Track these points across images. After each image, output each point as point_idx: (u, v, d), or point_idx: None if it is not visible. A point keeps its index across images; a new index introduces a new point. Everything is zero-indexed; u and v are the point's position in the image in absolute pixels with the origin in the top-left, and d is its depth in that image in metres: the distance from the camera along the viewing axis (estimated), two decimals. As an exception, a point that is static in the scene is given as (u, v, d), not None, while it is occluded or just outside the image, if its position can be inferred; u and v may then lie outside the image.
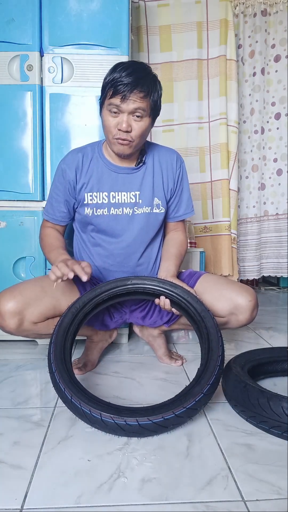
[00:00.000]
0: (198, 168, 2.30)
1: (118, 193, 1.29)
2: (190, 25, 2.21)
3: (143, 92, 1.13)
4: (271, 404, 0.97)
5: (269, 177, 2.53)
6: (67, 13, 1.53)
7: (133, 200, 1.30)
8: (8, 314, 1.14)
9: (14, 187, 1.57)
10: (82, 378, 1.33)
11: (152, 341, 1.50)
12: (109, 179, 1.28)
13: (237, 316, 1.25)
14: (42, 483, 0.82)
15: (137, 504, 0.76)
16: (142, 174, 1.30)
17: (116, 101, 1.13)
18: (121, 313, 1.42)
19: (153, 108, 1.19)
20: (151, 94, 1.15)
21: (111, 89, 1.13)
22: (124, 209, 1.29)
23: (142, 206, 1.31)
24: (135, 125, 1.17)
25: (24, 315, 1.16)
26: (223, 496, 0.78)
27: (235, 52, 2.22)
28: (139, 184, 1.30)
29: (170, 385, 1.28)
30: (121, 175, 1.29)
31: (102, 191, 1.28)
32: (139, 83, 1.12)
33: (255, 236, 2.55)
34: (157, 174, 1.32)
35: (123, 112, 1.15)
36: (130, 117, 1.16)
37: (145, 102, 1.15)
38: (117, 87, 1.12)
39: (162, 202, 1.33)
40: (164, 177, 1.33)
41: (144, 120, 1.18)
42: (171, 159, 1.35)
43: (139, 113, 1.15)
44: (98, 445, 0.95)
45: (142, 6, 2.22)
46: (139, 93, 1.12)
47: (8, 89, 1.54)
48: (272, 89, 2.45)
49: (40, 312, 1.18)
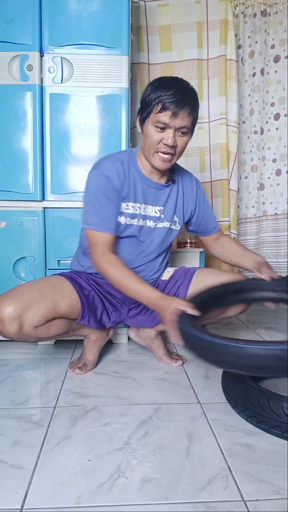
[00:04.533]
0: (198, 168, 2.30)
1: (147, 206, 1.32)
2: (190, 25, 2.21)
3: (190, 109, 1.16)
4: (271, 404, 0.97)
5: (268, 177, 2.53)
6: (67, 13, 1.53)
7: (157, 214, 1.33)
8: (8, 319, 1.13)
9: (14, 187, 1.57)
10: (82, 378, 1.33)
11: (150, 343, 1.50)
12: (142, 191, 1.30)
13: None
14: (42, 483, 0.82)
15: (137, 504, 0.77)
16: (169, 191, 1.35)
17: (165, 117, 1.14)
18: (119, 312, 1.42)
19: (194, 123, 1.21)
20: (195, 110, 1.19)
21: (159, 105, 1.14)
22: (148, 221, 1.33)
23: (163, 221, 1.35)
24: (179, 141, 1.19)
25: (24, 319, 1.15)
26: (223, 496, 0.78)
27: (235, 52, 2.22)
28: (164, 201, 1.34)
29: (170, 385, 1.29)
30: (151, 189, 1.31)
31: (137, 202, 1.30)
32: (187, 101, 1.15)
33: (254, 236, 2.56)
34: (180, 194, 1.38)
35: (170, 128, 1.16)
36: (176, 133, 1.17)
37: (190, 119, 1.17)
38: (166, 104, 1.13)
39: (179, 220, 1.39)
40: (185, 198, 1.39)
41: (187, 136, 1.20)
42: (190, 181, 1.41)
43: (184, 130, 1.18)
44: (98, 445, 0.95)
45: (142, 6, 2.21)
46: (187, 110, 1.15)
47: (8, 89, 1.54)
48: (272, 90, 2.45)
49: (40, 315, 1.17)
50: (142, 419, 1.07)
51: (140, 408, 1.13)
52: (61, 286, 1.27)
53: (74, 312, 1.28)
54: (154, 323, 1.43)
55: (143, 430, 1.01)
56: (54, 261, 1.61)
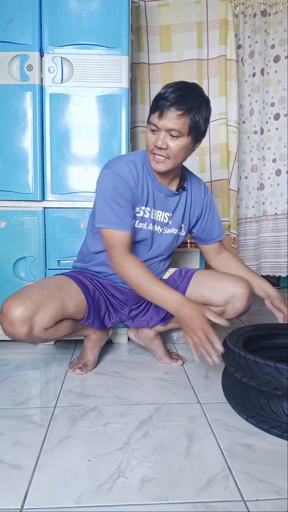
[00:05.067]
0: (198, 168, 2.30)
1: (156, 211, 1.30)
2: (190, 25, 2.21)
3: (181, 110, 1.10)
4: (271, 404, 0.97)
5: (268, 177, 2.53)
6: (67, 13, 1.53)
7: (166, 220, 1.33)
8: (18, 321, 1.12)
9: (14, 187, 1.57)
10: (82, 378, 1.33)
11: (149, 344, 1.50)
12: (153, 195, 1.29)
13: (234, 304, 1.31)
14: (42, 483, 0.82)
15: (137, 504, 0.77)
16: (178, 198, 1.34)
17: (155, 118, 1.13)
18: (120, 313, 1.42)
19: (192, 127, 1.14)
20: (191, 113, 1.12)
21: (154, 105, 1.14)
22: (156, 226, 1.32)
23: (171, 227, 1.34)
24: (171, 144, 1.15)
25: (34, 321, 1.15)
26: (223, 496, 0.78)
27: (235, 52, 2.22)
28: (174, 207, 1.33)
29: (170, 385, 1.29)
30: (162, 195, 1.30)
31: (148, 206, 1.28)
32: (178, 101, 1.10)
33: (254, 236, 2.56)
34: (188, 200, 1.36)
35: (160, 130, 1.14)
36: (167, 135, 1.14)
37: (182, 122, 1.11)
38: (158, 102, 1.12)
39: (185, 226, 1.39)
40: (193, 204, 1.37)
41: (181, 140, 1.15)
42: (199, 187, 1.39)
43: (174, 133, 1.13)
44: (98, 445, 0.95)
45: (142, 6, 2.21)
46: (176, 111, 1.10)
47: (8, 89, 1.54)
48: (272, 90, 2.45)
49: (50, 316, 1.17)
50: (142, 419, 1.07)
51: (140, 408, 1.13)
52: (68, 286, 1.27)
53: (80, 313, 1.28)
54: (151, 324, 1.43)
55: (143, 430, 1.01)
56: (54, 261, 1.61)
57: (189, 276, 1.39)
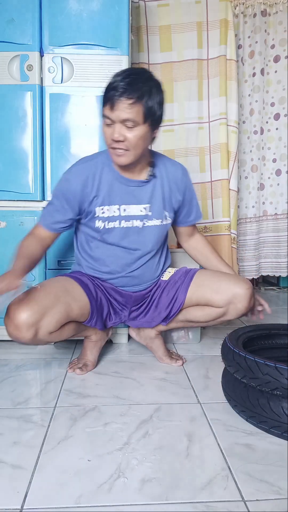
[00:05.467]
0: (198, 168, 2.30)
1: (129, 206, 1.28)
2: (190, 25, 2.20)
3: (132, 98, 1.08)
4: (271, 404, 0.97)
5: (268, 177, 2.53)
6: (67, 13, 1.53)
7: (143, 212, 1.29)
8: (25, 326, 1.12)
9: (14, 187, 1.57)
10: (82, 378, 1.33)
11: (150, 343, 1.50)
12: (120, 192, 1.26)
13: (236, 305, 1.30)
14: (42, 483, 0.82)
15: (137, 504, 0.77)
16: (152, 187, 1.29)
17: (107, 110, 1.11)
18: (120, 315, 1.42)
19: (147, 114, 1.12)
20: (143, 99, 1.10)
21: (104, 97, 1.12)
22: (134, 222, 1.29)
23: (152, 219, 1.31)
24: (128, 134, 1.12)
25: (40, 326, 1.14)
26: (223, 496, 0.78)
27: (235, 52, 2.22)
28: (149, 197, 1.29)
29: (170, 385, 1.29)
30: (131, 188, 1.27)
31: (114, 204, 1.26)
32: (128, 89, 1.08)
33: (254, 236, 2.56)
34: (166, 186, 1.32)
35: (114, 122, 1.12)
36: (122, 126, 1.12)
37: (135, 110, 1.09)
38: (108, 93, 1.10)
39: (170, 214, 1.35)
40: (172, 190, 1.33)
41: (137, 129, 1.12)
42: (176, 171, 1.34)
43: (130, 123, 1.11)
44: (98, 445, 0.95)
45: (142, 6, 2.21)
46: (127, 99, 1.08)
47: (8, 89, 1.54)
48: (272, 90, 2.45)
49: (56, 321, 1.18)
50: (142, 419, 1.07)
51: (140, 408, 1.13)
52: (72, 289, 1.27)
53: (84, 315, 1.29)
54: (153, 324, 1.43)
55: (143, 430, 1.01)
56: (54, 261, 1.61)
57: (191, 276, 1.38)
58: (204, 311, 1.36)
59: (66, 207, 1.26)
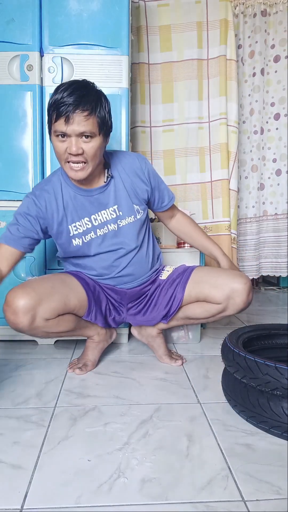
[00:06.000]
0: (198, 168, 2.30)
1: (98, 214, 1.28)
2: (190, 25, 2.21)
3: (86, 110, 1.09)
4: (271, 404, 0.97)
5: (268, 177, 2.53)
6: (67, 13, 1.53)
7: (114, 215, 1.30)
8: (22, 310, 1.15)
9: (14, 187, 1.57)
10: (82, 378, 1.33)
11: (151, 341, 1.50)
12: (85, 204, 1.27)
13: (234, 300, 1.30)
14: (42, 483, 0.82)
15: (137, 504, 0.77)
16: (113, 187, 1.29)
17: (61, 125, 1.10)
18: (119, 312, 1.43)
19: (101, 124, 1.14)
20: (96, 111, 1.11)
21: (54, 113, 1.10)
22: (109, 226, 1.30)
23: (125, 217, 1.31)
24: (86, 147, 1.13)
25: (37, 311, 1.17)
26: (223, 496, 0.78)
27: (235, 52, 2.22)
28: (114, 198, 1.29)
29: (170, 385, 1.29)
30: (94, 197, 1.27)
31: (83, 217, 1.27)
32: (81, 102, 1.08)
33: (254, 236, 2.56)
34: (126, 181, 1.30)
35: (70, 136, 1.11)
36: (79, 139, 1.12)
37: (90, 122, 1.11)
38: (59, 109, 1.09)
39: (141, 206, 1.34)
40: (134, 182, 1.31)
41: (94, 140, 1.13)
42: (133, 162, 1.32)
43: (88, 134, 1.12)
44: (98, 445, 0.95)
45: (142, 6, 2.21)
46: (81, 112, 1.09)
47: (8, 89, 1.54)
48: (272, 90, 2.45)
49: (52, 308, 1.20)
50: (142, 419, 1.07)
51: (140, 408, 1.13)
52: (70, 281, 1.30)
53: (82, 308, 1.30)
54: (154, 322, 1.43)
55: (143, 430, 1.01)
56: (54, 261, 1.61)
57: (188, 273, 1.39)
58: (204, 308, 1.36)
59: (32, 222, 1.24)
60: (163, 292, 1.40)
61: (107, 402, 1.17)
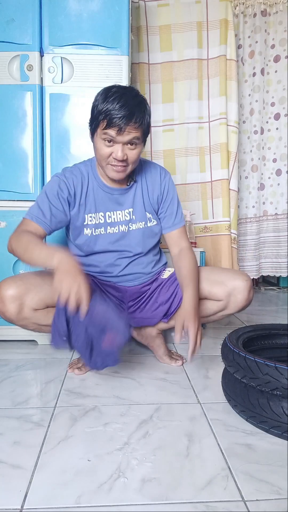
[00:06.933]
0: (198, 168, 2.30)
1: (113, 212, 1.32)
2: (190, 25, 2.21)
3: (137, 123, 1.15)
4: (271, 404, 0.97)
5: (269, 177, 2.53)
6: (67, 13, 1.53)
7: (127, 217, 1.34)
8: (9, 298, 1.18)
9: (14, 187, 1.57)
10: (82, 378, 1.33)
11: (151, 342, 1.50)
12: (104, 200, 1.31)
13: (236, 297, 1.33)
14: (42, 483, 0.82)
15: (137, 504, 0.76)
16: (133, 191, 1.34)
17: (112, 132, 1.15)
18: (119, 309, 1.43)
19: (146, 132, 1.21)
20: (144, 121, 1.18)
21: (105, 120, 1.14)
22: (120, 227, 1.33)
23: (136, 222, 1.35)
24: (130, 153, 1.19)
25: (24, 300, 1.20)
26: (223, 496, 0.78)
27: (235, 52, 2.22)
28: (131, 202, 1.34)
29: (170, 385, 1.29)
30: (115, 196, 1.32)
31: (99, 211, 1.31)
32: (133, 115, 1.13)
33: (254, 236, 2.56)
34: (145, 189, 1.36)
35: (118, 143, 1.17)
36: (125, 147, 1.18)
37: (139, 131, 1.17)
38: (112, 119, 1.13)
39: (153, 215, 1.38)
40: (150, 191, 1.36)
41: (138, 148, 1.20)
42: (155, 173, 1.38)
43: (134, 142, 1.18)
44: (98, 445, 0.95)
45: (142, 6, 2.22)
46: (133, 124, 1.14)
47: (8, 89, 1.54)
48: (272, 90, 2.45)
49: (40, 298, 1.21)
50: (142, 419, 1.07)
51: (140, 408, 1.13)
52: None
53: None
54: (155, 321, 1.43)
55: (143, 430, 1.01)
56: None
57: None
58: (205, 305, 1.37)
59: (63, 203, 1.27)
60: (164, 290, 1.41)
61: (107, 402, 1.17)
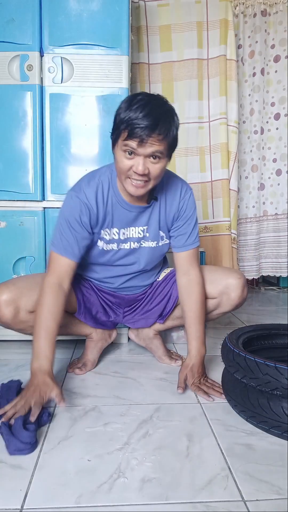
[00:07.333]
0: (198, 168, 2.30)
1: (127, 229, 1.26)
2: (190, 25, 2.21)
3: (161, 135, 1.04)
4: (271, 404, 0.97)
5: (269, 177, 2.53)
6: (67, 13, 1.53)
7: (140, 235, 1.28)
8: (3, 303, 1.19)
9: (14, 187, 1.57)
10: (82, 378, 1.33)
11: (149, 343, 1.50)
12: (122, 216, 1.24)
13: (229, 295, 1.32)
14: (42, 483, 0.82)
15: (137, 504, 0.76)
16: (151, 209, 1.27)
17: (133, 144, 1.04)
18: (116, 313, 1.43)
19: (172, 146, 1.10)
20: (169, 133, 1.07)
21: (126, 131, 1.03)
22: (132, 244, 1.28)
23: (149, 240, 1.29)
24: (152, 168, 1.08)
25: (19, 304, 1.20)
26: (223, 496, 0.78)
27: (235, 52, 2.22)
28: (147, 219, 1.27)
29: (170, 385, 1.28)
30: (133, 213, 1.25)
31: (114, 227, 1.25)
32: (157, 127, 1.02)
33: (254, 236, 2.56)
34: (162, 208, 1.28)
35: (139, 155, 1.06)
36: (147, 160, 1.07)
37: (163, 144, 1.06)
38: (133, 130, 1.02)
39: (166, 234, 1.31)
40: (168, 209, 1.28)
41: (161, 162, 1.09)
42: (176, 190, 1.28)
43: (156, 155, 1.07)
44: (98, 445, 0.95)
45: (142, 6, 2.22)
46: (157, 136, 1.03)
47: (8, 89, 1.54)
48: (272, 90, 2.45)
49: (34, 300, 1.20)
50: (142, 419, 1.07)
51: (140, 408, 1.13)
52: None
53: (70, 304, 1.29)
54: (150, 322, 1.44)
55: (143, 430, 1.01)
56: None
57: None
58: None
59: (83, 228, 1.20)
60: (158, 290, 1.42)
61: (107, 402, 1.17)
